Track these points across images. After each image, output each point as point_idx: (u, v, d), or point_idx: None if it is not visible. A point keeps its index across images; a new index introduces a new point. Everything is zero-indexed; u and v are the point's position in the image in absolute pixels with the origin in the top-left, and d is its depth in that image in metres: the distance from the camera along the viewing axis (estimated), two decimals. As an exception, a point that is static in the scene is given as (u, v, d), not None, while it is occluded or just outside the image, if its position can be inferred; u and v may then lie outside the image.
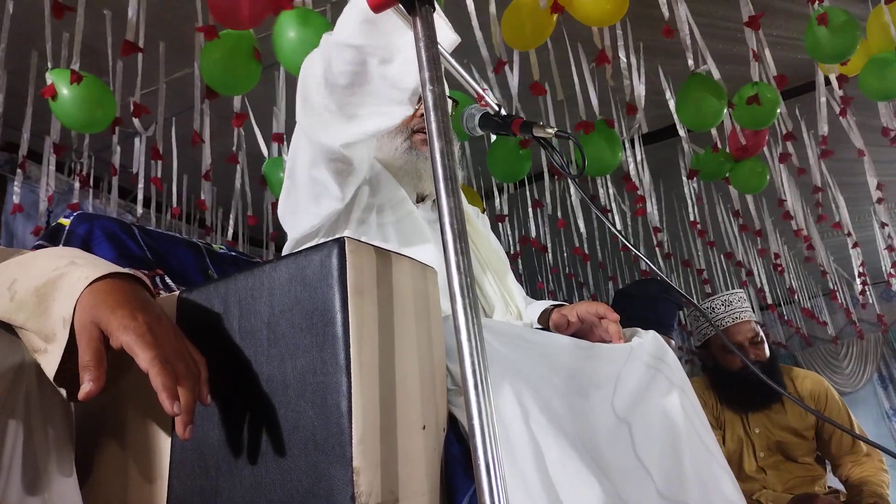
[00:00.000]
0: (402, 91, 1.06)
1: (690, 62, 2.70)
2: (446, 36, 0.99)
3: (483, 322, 0.84)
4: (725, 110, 2.96)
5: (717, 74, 2.82)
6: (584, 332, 1.32)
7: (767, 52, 2.87)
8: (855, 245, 4.69)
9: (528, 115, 3.34)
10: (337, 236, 1.38)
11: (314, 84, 1.15)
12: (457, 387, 0.93)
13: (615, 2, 2.38)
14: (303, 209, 1.36)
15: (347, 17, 1.05)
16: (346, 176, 1.28)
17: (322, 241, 0.91)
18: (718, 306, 2.72)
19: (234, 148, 3.18)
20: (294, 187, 1.35)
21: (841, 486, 2.62)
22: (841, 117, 3.27)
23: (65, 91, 2.46)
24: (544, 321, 1.41)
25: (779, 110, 3.02)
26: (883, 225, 4.31)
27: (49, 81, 2.47)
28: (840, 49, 2.64)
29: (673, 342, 2.89)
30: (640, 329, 1.31)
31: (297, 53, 2.17)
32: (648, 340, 1.24)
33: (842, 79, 3.17)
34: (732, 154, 3.65)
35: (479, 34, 2.56)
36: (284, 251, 1.50)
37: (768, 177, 3.78)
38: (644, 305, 2.93)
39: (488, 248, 1.55)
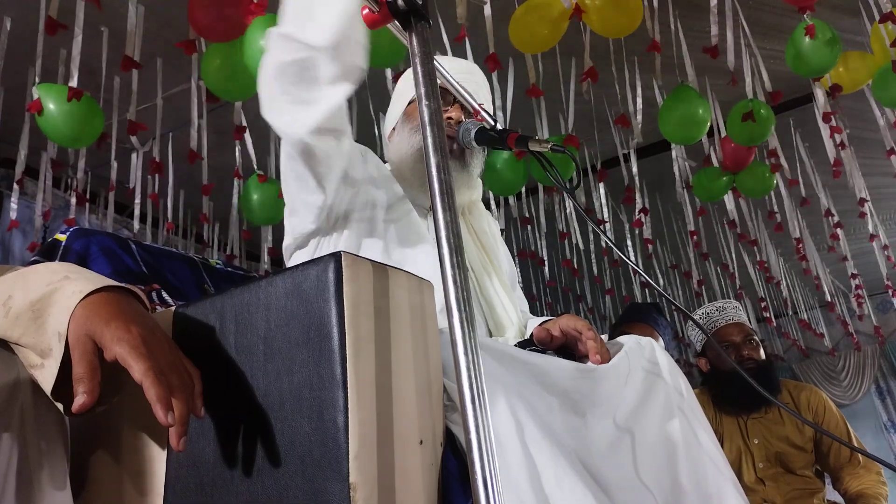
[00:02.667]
0: (344, 66, 1.07)
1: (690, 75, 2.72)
2: None
3: (479, 341, 0.84)
4: (710, 122, 2.99)
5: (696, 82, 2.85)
6: (570, 345, 1.31)
7: (763, 68, 2.89)
8: (844, 259, 4.71)
9: (523, 130, 3.36)
10: (333, 242, 1.39)
11: (267, 77, 1.17)
12: (453, 402, 0.92)
13: (629, 15, 2.41)
14: (296, 209, 1.38)
15: (288, 8, 1.09)
16: (317, 166, 1.27)
17: (319, 254, 0.91)
18: (713, 311, 2.80)
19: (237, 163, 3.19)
20: (287, 189, 1.38)
21: (841, 501, 2.61)
22: (835, 134, 3.29)
23: (51, 106, 2.47)
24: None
25: (772, 127, 3.05)
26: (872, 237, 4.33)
27: (35, 96, 2.47)
28: (821, 63, 2.68)
29: (658, 336, 2.95)
30: (637, 336, 1.29)
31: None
32: (646, 348, 1.23)
33: (835, 88, 3.20)
34: (728, 167, 3.66)
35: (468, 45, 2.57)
36: (284, 255, 1.51)
37: (775, 182, 3.80)
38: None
39: (499, 256, 1.56)
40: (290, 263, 1.47)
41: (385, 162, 1.59)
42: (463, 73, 1.49)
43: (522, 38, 2.56)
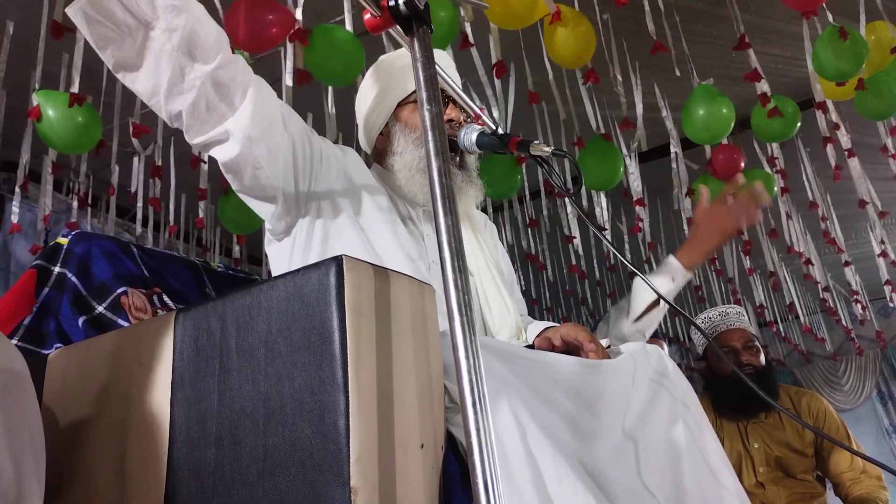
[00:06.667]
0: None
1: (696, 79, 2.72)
2: None
3: (482, 340, 0.83)
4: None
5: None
6: (571, 353, 1.29)
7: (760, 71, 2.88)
8: (847, 263, 4.70)
9: (526, 133, 3.37)
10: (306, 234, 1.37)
11: None
12: (454, 405, 0.92)
13: (581, 48, 2.46)
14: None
15: None
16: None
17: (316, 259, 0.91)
18: (715, 316, 2.80)
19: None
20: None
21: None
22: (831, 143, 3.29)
23: (50, 112, 2.47)
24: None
25: (799, 121, 3.05)
26: (882, 242, 4.32)
27: (35, 103, 2.48)
28: (846, 68, 2.64)
29: (665, 344, 2.94)
30: (642, 343, 1.29)
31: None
32: (653, 355, 1.23)
33: (820, 106, 3.22)
34: (718, 175, 3.65)
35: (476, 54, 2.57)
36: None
37: (775, 188, 3.79)
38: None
39: (499, 259, 1.55)
40: (270, 256, 1.45)
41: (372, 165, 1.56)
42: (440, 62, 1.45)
43: (501, 12, 2.47)
